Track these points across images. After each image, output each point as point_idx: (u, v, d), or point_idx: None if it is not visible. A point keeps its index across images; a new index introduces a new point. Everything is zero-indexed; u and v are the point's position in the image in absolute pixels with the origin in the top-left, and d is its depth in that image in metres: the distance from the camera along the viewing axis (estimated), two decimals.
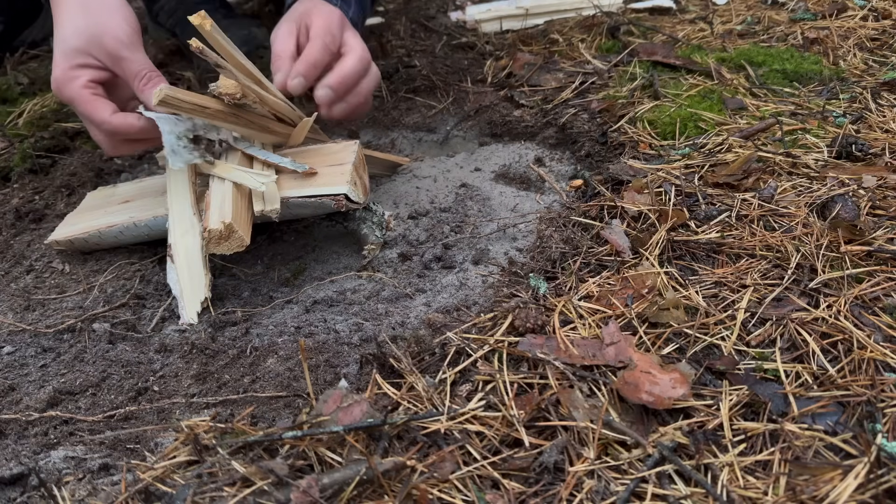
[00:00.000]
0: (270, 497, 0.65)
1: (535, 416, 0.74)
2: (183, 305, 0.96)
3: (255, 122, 1.06)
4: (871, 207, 0.99)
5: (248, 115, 1.04)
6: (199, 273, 0.97)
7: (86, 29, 0.97)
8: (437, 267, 1.02)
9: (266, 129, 1.08)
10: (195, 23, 0.94)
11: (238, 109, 1.02)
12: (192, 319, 0.95)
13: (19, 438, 0.80)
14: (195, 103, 0.98)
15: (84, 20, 0.97)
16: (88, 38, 0.97)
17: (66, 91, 0.97)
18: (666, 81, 1.37)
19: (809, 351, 0.80)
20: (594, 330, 0.84)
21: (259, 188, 0.99)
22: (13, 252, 1.15)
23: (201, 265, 0.97)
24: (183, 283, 0.96)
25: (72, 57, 0.97)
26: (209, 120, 1.01)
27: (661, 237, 0.97)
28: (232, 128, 1.03)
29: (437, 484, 0.68)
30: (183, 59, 1.74)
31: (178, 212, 1.01)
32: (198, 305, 0.95)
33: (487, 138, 1.38)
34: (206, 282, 0.97)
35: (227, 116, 1.02)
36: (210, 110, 1.00)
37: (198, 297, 0.96)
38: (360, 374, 0.84)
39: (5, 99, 1.61)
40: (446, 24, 1.83)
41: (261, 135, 1.08)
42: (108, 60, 0.98)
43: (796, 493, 0.64)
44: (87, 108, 0.97)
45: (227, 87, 0.99)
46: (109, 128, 0.98)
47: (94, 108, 0.97)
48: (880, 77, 1.34)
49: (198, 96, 0.99)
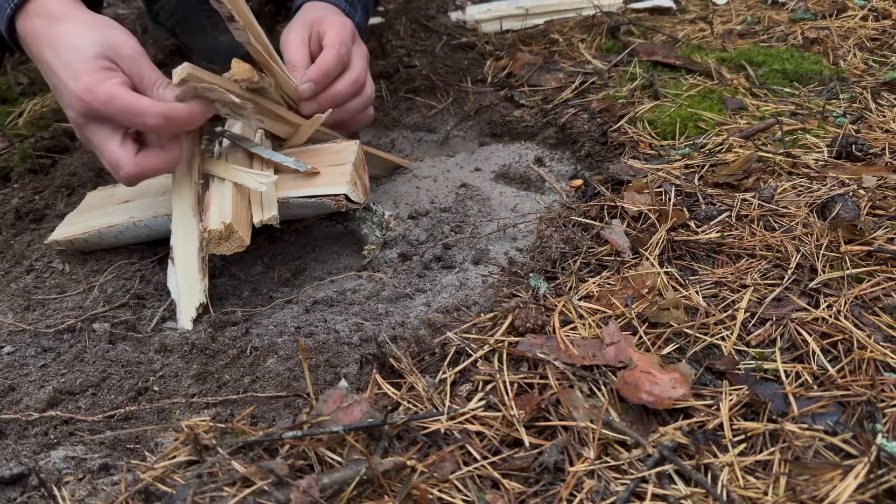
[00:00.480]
0: (270, 497, 0.65)
1: (535, 416, 0.74)
2: (180, 310, 0.96)
3: (270, 110, 1.06)
4: (871, 207, 0.99)
5: (263, 101, 1.04)
6: (196, 278, 0.97)
7: (102, 40, 0.94)
8: (437, 267, 1.02)
9: (280, 118, 1.08)
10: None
11: (254, 94, 1.02)
12: (186, 326, 0.94)
13: (19, 438, 0.80)
14: (216, 84, 0.98)
15: (95, 33, 0.94)
16: (107, 47, 0.94)
17: (103, 91, 0.90)
18: (666, 81, 1.37)
19: (809, 351, 0.80)
20: (594, 330, 0.84)
21: (259, 188, 0.99)
22: (13, 252, 1.15)
23: (197, 270, 0.97)
24: (180, 288, 0.96)
25: (98, 62, 0.92)
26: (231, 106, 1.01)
27: (661, 237, 0.97)
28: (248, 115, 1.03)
29: (437, 484, 0.68)
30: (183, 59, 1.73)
31: (180, 213, 1.01)
32: (192, 311, 0.95)
33: (487, 138, 1.38)
34: (203, 287, 0.96)
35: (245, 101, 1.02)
36: (232, 93, 1.00)
37: (193, 302, 0.96)
38: (360, 374, 0.84)
39: (5, 99, 1.61)
40: (446, 24, 1.83)
41: (273, 124, 1.08)
42: (130, 66, 0.95)
43: (796, 493, 0.64)
44: (131, 99, 0.91)
45: (241, 73, 0.99)
46: (161, 111, 0.92)
47: (139, 98, 0.91)
48: (880, 77, 1.34)
49: (219, 78, 0.98)
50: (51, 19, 0.96)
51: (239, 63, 1.00)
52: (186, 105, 0.94)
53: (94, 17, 0.97)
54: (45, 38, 0.95)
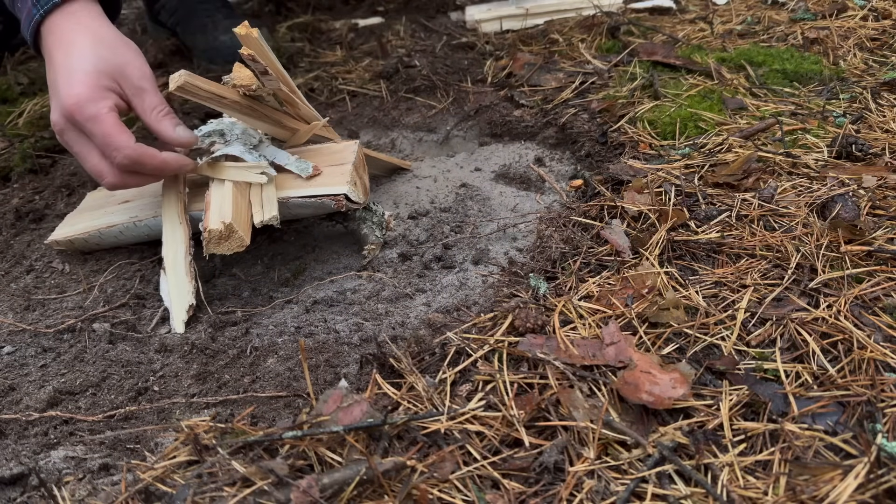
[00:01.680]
0: (270, 497, 0.65)
1: (535, 416, 0.74)
2: (173, 315, 0.96)
3: (269, 116, 1.07)
4: (871, 207, 0.99)
5: (262, 108, 1.06)
6: (184, 281, 0.97)
7: (111, 58, 0.95)
8: (437, 267, 1.02)
9: (279, 123, 1.09)
10: (241, 32, 0.97)
11: (253, 101, 1.04)
12: (179, 329, 0.95)
13: (19, 438, 0.80)
14: (213, 92, 1.00)
15: (106, 51, 0.96)
16: (114, 67, 0.95)
17: (90, 109, 0.92)
18: (666, 81, 1.37)
19: (809, 351, 0.80)
20: (594, 330, 0.84)
21: (260, 180, 0.99)
22: (13, 252, 1.15)
23: (185, 273, 0.97)
24: (171, 293, 0.96)
25: (98, 78, 0.93)
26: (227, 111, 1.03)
27: (661, 237, 0.97)
28: (246, 120, 1.05)
29: (437, 484, 0.68)
30: (183, 59, 1.74)
31: (168, 222, 1.01)
32: (183, 314, 0.95)
33: (487, 138, 1.38)
34: (191, 289, 0.97)
35: (242, 108, 1.03)
36: (227, 101, 1.02)
37: (183, 305, 0.96)
38: (360, 374, 0.84)
39: (5, 99, 1.61)
40: (446, 24, 1.83)
41: (272, 129, 1.09)
42: (131, 91, 0.96)
43: (796, 493, 0.64)
44: (111, 130, 0.92)
45: (241, 79, 1.00)
46: (132, 154, 0.93)
47: (120, 132, 0.92)
48: (880, 77, 1.34)
49: (215, 85, 1.00)
50: (77, 26, 0.98)
51: (241, 68, 1.01)
52: (162, 156, 0.95)
53: (115, 36, 0.99)
54: (63, 42, 0.97)
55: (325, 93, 1.54)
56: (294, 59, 1.69)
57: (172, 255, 0.99)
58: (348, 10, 2.09)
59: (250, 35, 0.97)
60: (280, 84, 1.03)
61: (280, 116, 1.09)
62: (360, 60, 1.65)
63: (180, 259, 0.98)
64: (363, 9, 2.09)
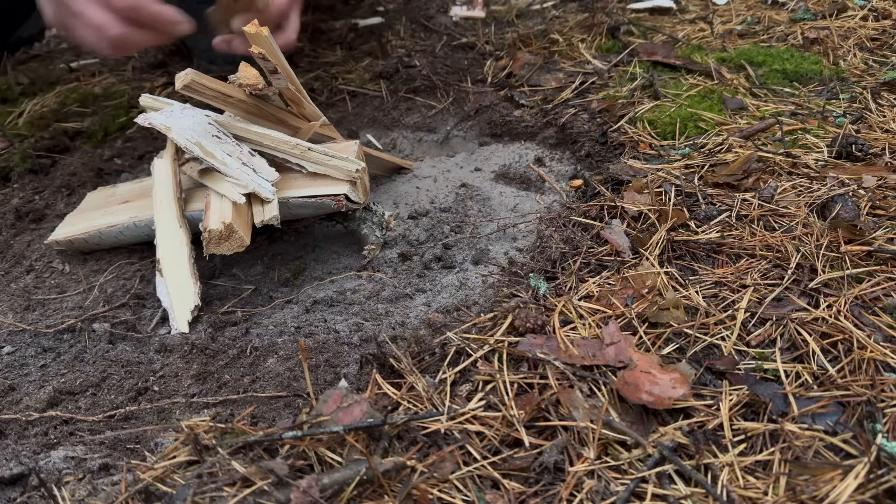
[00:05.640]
0: (270, 497, 0.65)
1: (535, 416, 0.74)
2: (174, 316, 0.96)
3: (273, 115, 1.08)
4: (871, 207, 0.99)
5: (266, 107, 1.07)
6: (188, 282, 0.97)
7: None
8: (437, 267, 1.02)
9: (282, 122, 1.10)
10: (251, 31, 0.97)
11: (258, 100, 1.05)
12: (182, 329, 0.94)
13: (19, 438, 0.80)
14: (219, 91, 1.00)
15: None
16: None
17: None
18: (666, 81, 1.37)
19: (809, 351, 0.80)
20: (594, 330, 0.84)
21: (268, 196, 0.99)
22: (13, 252, 1.15)
23: (189, 274, 0.97)
24: (172, 293, 0.96)
25: None
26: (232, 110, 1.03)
27: (661, 237, 0.97)
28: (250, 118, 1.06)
29: (437, 484, 0.68)
30: (183, 59, 1.74)
31: (163, 225, 1.01)
32: (188, 314, 0.95)
33: (487, 138, 1.38)
34: (195, 290, 0.97)
35: (247, 107, 1.04)
36: (233, 99, 1.03)
37: (187, 305, 0.96)
38: (360, 374, 0.84)
39: (5, 99, 1.61)
40: (446, 24, 1.83)
41: (275, 126, 1.10)
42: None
43: (796, 493, 0.65)
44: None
45: (248, 78, 1.01)
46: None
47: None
48: (880, 77, 1.34)
49: (222, 84, 1.01)
50: None
51: (247, 67, 1.01)
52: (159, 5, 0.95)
53: None
54: None
55: (325, 93, 1.54)
56: (294, 59, 1.68)
57: (171, 257, 0.99)
58: (348, 10, 2.09)
59: (260, 34, 0.97)
60: (288, 83, 1.03)
61: (284, 115, 1.09)
62: (360, 60, 1.65)
63: (183, 260, 0.98)
64: (363, 9, 2.09)
